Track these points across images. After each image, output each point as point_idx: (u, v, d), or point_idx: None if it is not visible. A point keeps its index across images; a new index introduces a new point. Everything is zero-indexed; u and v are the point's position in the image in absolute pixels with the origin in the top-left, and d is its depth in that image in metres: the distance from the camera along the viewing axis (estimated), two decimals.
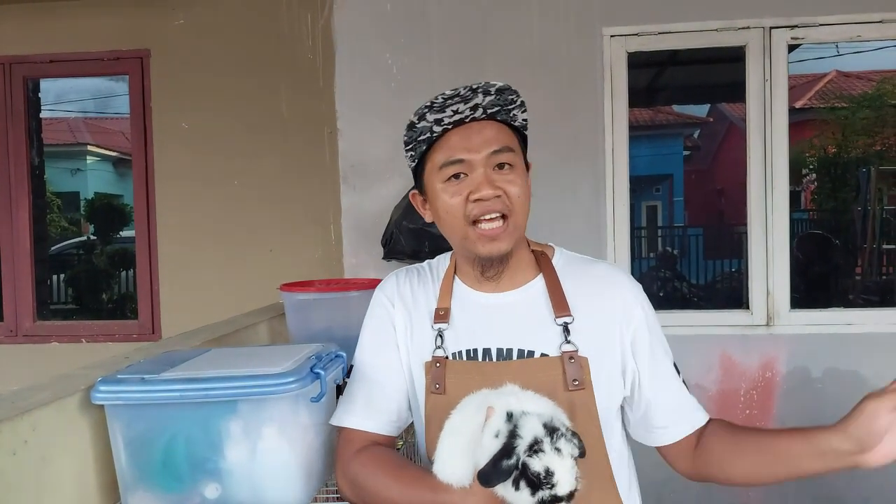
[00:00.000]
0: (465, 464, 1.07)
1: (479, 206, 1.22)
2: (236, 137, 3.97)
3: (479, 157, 1.22)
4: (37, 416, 1.14)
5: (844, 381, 2.86)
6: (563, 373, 1.22)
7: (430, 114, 1.22)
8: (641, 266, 9.49)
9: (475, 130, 1.23)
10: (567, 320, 1.26)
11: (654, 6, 2.91)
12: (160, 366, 1.32)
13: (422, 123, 1.23)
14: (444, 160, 1.24)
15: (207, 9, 3.99)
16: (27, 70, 4.12)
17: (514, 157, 1.25)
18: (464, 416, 1.13)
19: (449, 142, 1.24)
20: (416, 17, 3.01)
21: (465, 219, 1.23)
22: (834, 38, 2.94)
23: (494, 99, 1.22)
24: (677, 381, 1.31)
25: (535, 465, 0.97)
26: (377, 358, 1.36)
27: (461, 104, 1.20)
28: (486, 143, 1.22)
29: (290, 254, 3.94)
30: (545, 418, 1.02)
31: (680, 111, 15.85)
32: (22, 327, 4.14)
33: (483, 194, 1.21)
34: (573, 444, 1.00)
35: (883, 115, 10.81)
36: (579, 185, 2.96)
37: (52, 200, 11.44)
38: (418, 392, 1.32)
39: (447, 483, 1.11)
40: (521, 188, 1.24)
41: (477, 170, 1.22)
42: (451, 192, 1.24)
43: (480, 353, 1.27)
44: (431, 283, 1.38)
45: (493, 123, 1.25)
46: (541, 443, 0.98)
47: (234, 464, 1.24)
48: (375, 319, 1.39)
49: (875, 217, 7.83)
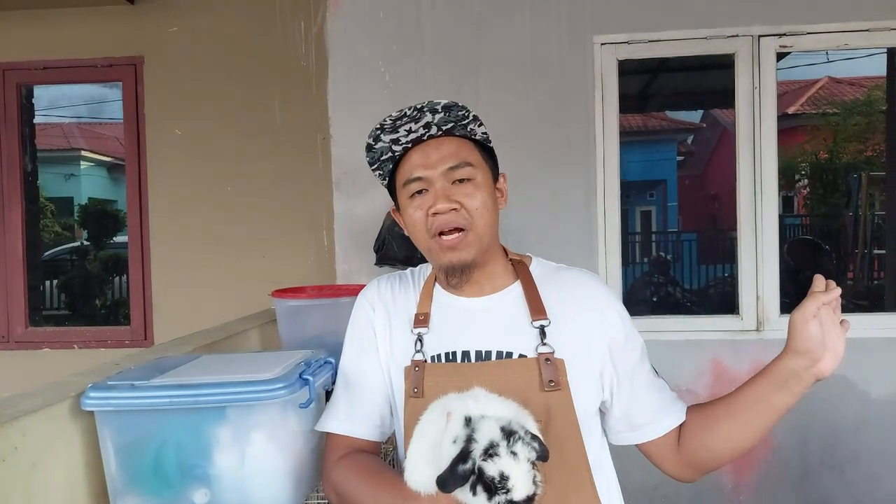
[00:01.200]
0: (429, 471, 1.06)
1: (437, 220, 1.26)
2: (229, 144, 3.99)
3: (436, 173, 1.26)
4: (27, 422, 1.15)
5: (834, 386, 2.88)
6: (538, 373, 1.23)
7: (383, 135, 1.27)
8: (635, 271, 9.52)
9: (433, 147, 1.28)
10: (544, 323, 1.28)
11: (644, 15, 2.94)
12: (150, 372, 1.32)
13: (379, 144, 1.28)
14: (405, 178, 1.29)
15: (201, 16, 4.00)
16: (21, 76, 4.13)
17: (474, 170, 1.28)
18: (428, 420, 1.13)
19: (410, 160, 1.29)
20: (409, 25, 3.03)
21: (427, 232, 1.28)
22: (821, 46, 2.97)
23: (444, 116, 1.25)
24: (657, 380, 1.33)
25: (489, 470, 0.97)
26: (359, 363, 1.37)
27: (412, 123, 1.25)
28: (443, 160, 1.26)
29: (283, 260, 3.95)
30: (503, 422, 1.01)
31: (673, 117, 15.92)
32: (14, 333, 4.13)
33: (438, 208, 1.25)
34: (531, 448, 0.99)
35: (874, 122, 10.87)
36: (571, 192, 2.98)
37: (45, 206, 11.41)
38: (397, 397, 1.33)
39: (416, 490, 1.11)
40: (480, 200, 1.27)
41: (435, 185, 1.26)
42: (414, 206, 1.28)
43: (459, 355, 1.29)
44: (413, 288, 1.40)
45: (453, 139, 1.29)
46: (496, 447, 0.98)
47: (224, 470, 1.25)
48: (357, 324, 1.41)
49: (866, 222, 7.87)
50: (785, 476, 2.93)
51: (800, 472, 2.93)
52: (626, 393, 1.31)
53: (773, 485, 2.93)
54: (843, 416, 2.89)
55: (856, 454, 2.90)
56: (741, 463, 2.92)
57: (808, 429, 2.91)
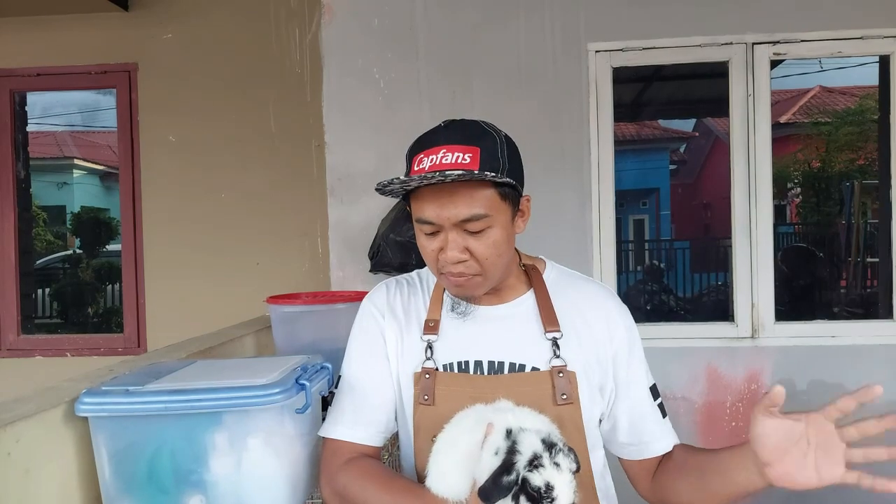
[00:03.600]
0: (461, 479, 1.08)
1: (447, 264, 1.22)
2: (224, 150, 3.98)
3: (448, 223, 1.19)
4: (20, 427, 1.14)
5: (829, 393, 2.87)
6: (552, 387, 1.23)
7: (399, 185, 1.17)
8: (628, 279, 9.53)
9: (447, 195, 1.17)
10: (556, 335, 1.27)
11: (638, 22, 2.95)
12: (145, 378, 1.31)
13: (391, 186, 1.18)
14: (417, 215, 1.22)
15: (195, 23, 4.00)
16: (14, 83, 4.12)
17: (488, 220, 1.19)
18: (460, 430, 1.13)
19: (423, 196, 1.20)
20: (403, 32, 3.03)
21: (435, 264, 1.25)
22: (815, 53, 2.98)
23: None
24: (651, 406, 1.32)
25: (535, 480, 0.99)
26: (365, 368, 1.35)
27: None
28: (457, 212, 1.17)
29: (278, 267, 3.94)
30: (543, 434, 1.04)
31: (666, 126, 16.01)
32: (6, 341, 4.11)
33: (449, 257, 1.20)
34: (570, 459, 1.02)
35: (866, 131, 10.95)
36: (565, 199, 2.98)
37: (37, 214, 11.36)
38: (406, 403, 1.32)
39: (442, 497, 1.11)
40: (493, 248, 1.21)
41: (447, 232, 1.20)
42: (425, 237, 1.23)
43: (472, 365, 1.28)
44: (421, 293, 1.39)
45: (467, 186, 1.17)
46: (540, 458, 1.00)
47: (220, 476, 1.23)
48: (364, 329, 1.39)
49: (859, 230, 7.90)
50: None
51: None
52: (617, 411, 1.31)
53: (767, 494, 2.91)
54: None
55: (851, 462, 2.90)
56: None
57: None
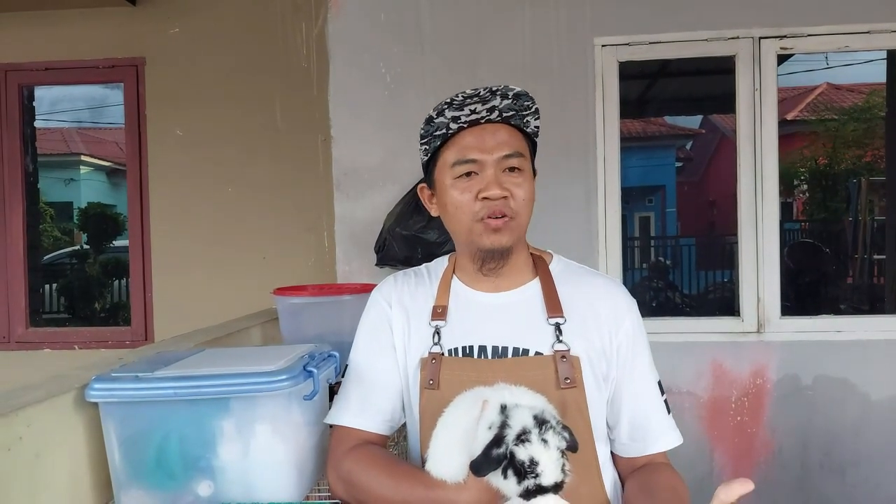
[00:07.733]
0: (460, 459, 1.09)
1: (487, 205, 1.26)
2: (230, 145, 4.00)
3: (492, 158, 1.26)
4: (31, 412, 1.15)
5: (834, 388, 2.89)
6: (555, 371, 1.25)
7: (448, 111, 1.25)
8: (634, 276, 9.52)
9: (489, 132, 1.27)
10: (559, 321, 1.28)
11: (644, 16, 2.94)
12: (154, 365, 1.32)
13: (439, 119, 1.27)
14: (456, 158, 1.28)
15: (202, 17, 4.02)
16: (22, 77, 4.14)
17: (524, 161, 1.29)
18: (458, 411, 1.15)
19: (463, 140, 1.28)
20: (409, 27, 3.04)
21: (472, 215, 1.27)
22: (822, 48, 2.98)
23: (511, 103, 1.26)
24: (651, 400, 1.33)
25: (520, 454, 0.99)
26: (372, 358, 1.37)
27: (479, 104, 1.24)
28: (499, 146, 1.26)
29: (284, 261, 3.95)
30: (536, 410, 1.04)
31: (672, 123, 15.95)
32: (14, 334, 4.13)
33: (491, 193, 1.24)
34: (561, 437, 1.02)
35: (872, 127, 10.91)
36: (571, 195, 2.98)
37: (44, 210, 11.40)
38: (412, 389, 1.33)
39: (441, 479, 1.12)
40: (526, 192, 1.28)
41: (488, 170, 1.26)
42: (461, 188, 1.28)
43: (476, 349, 1.29)
44: (429, 283, 1.41)
45: (507, 127, 1.29)
46: (528, 433, 1.00)
47: (227, 462, 1.24)
48: (372, 320, 1.41)
49: (865, 227, 7.88)
50: (785, 478, 2.93)
51: (799, 474, 2.93)
52: (616, 402, 1.32)
53: (773, 487, 2.93)
54: (844, 419, 2.89)
55: (856, 457, 2.90)
56: (740, 465, 2.92)
57: (808, 431, 2.91)
